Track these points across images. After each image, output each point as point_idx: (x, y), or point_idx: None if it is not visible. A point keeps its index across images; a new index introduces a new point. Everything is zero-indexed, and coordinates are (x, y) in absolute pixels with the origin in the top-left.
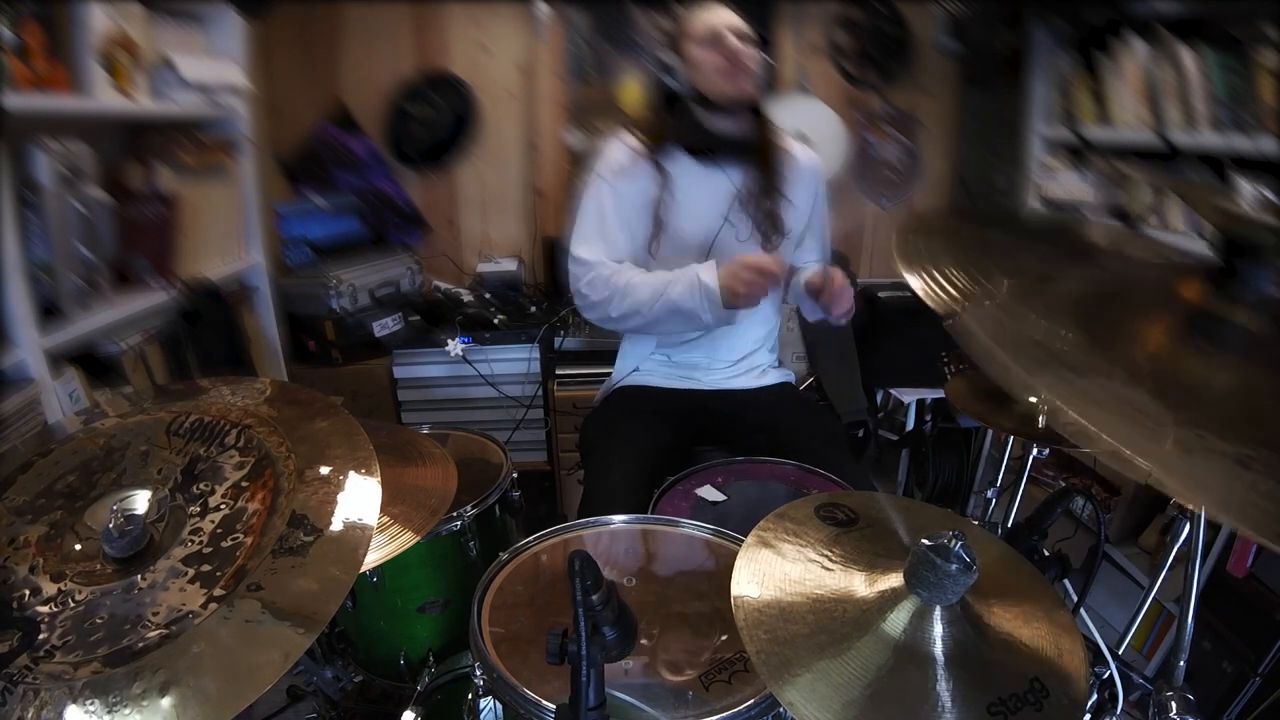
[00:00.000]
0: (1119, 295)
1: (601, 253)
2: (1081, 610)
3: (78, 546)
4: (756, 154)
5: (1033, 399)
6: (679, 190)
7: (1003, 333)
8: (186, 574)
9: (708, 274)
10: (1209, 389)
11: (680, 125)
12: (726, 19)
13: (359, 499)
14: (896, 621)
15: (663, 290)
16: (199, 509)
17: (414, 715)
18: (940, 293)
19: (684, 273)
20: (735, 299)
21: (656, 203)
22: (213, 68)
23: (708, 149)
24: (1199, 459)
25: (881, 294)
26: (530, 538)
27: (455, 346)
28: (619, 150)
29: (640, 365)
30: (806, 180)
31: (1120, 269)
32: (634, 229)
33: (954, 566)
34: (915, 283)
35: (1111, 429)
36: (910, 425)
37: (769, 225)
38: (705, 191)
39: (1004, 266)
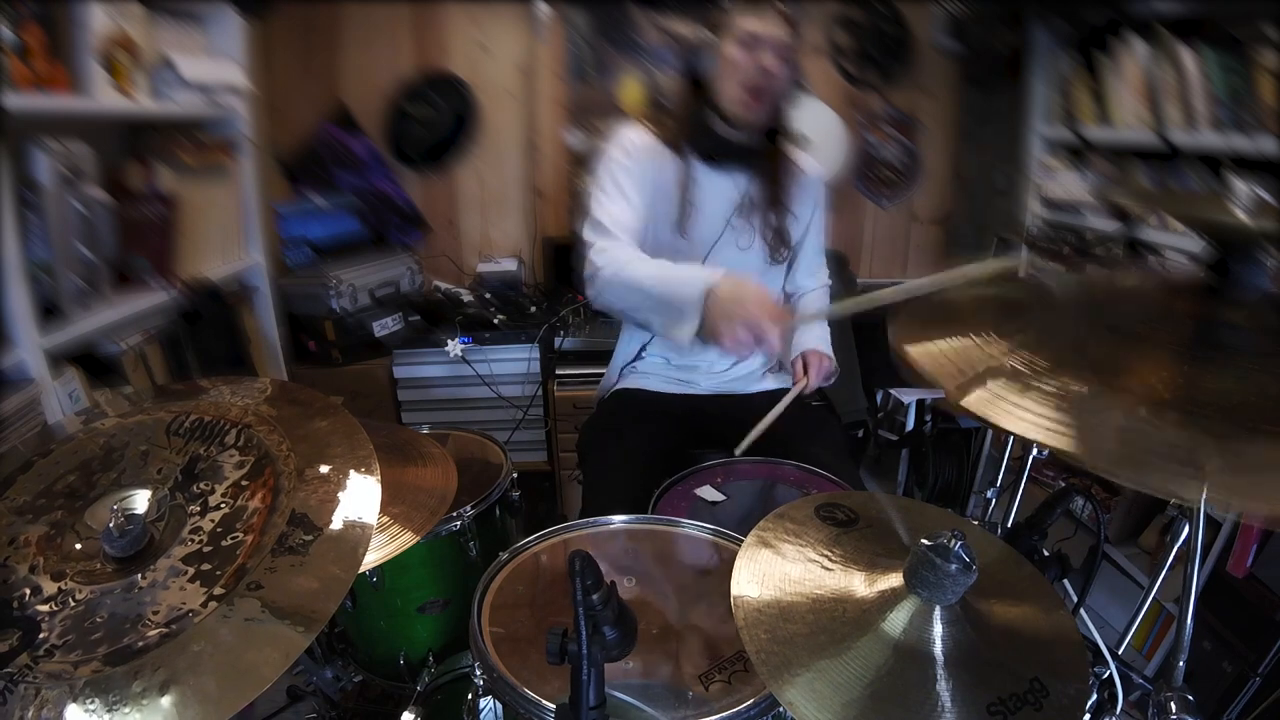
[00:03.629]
0: (1121, 331)
1: (621, 221)
2: (1081, 610)
3: (78, 546)
4: (766, 166)
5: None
6: (699, 175)
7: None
8: (186, 573)
9: (709, 279)
10: (1231, 397)
11: (692, 125)
12: (770, 30)
13: (359, 498)
14: (896, 621)
15: (663, 285)
16: (199, 508)
17: (414, 715)
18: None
19: (690, 279)
20: (714, 334)
21: (680, 184)
22: (213, 68)
23: (718, 154)
24: (1250, 476)
25: None
26: (530, 538)
27: (455, 346)
28: (635, 134)
29: (638, 366)
30: (809, 190)
31: (1114, 304)
32: (654, 210)
33: (954, 566)
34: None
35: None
36: (910, 425)
37: (776, 241)
38: (710, 193)
39: (1002, 338)
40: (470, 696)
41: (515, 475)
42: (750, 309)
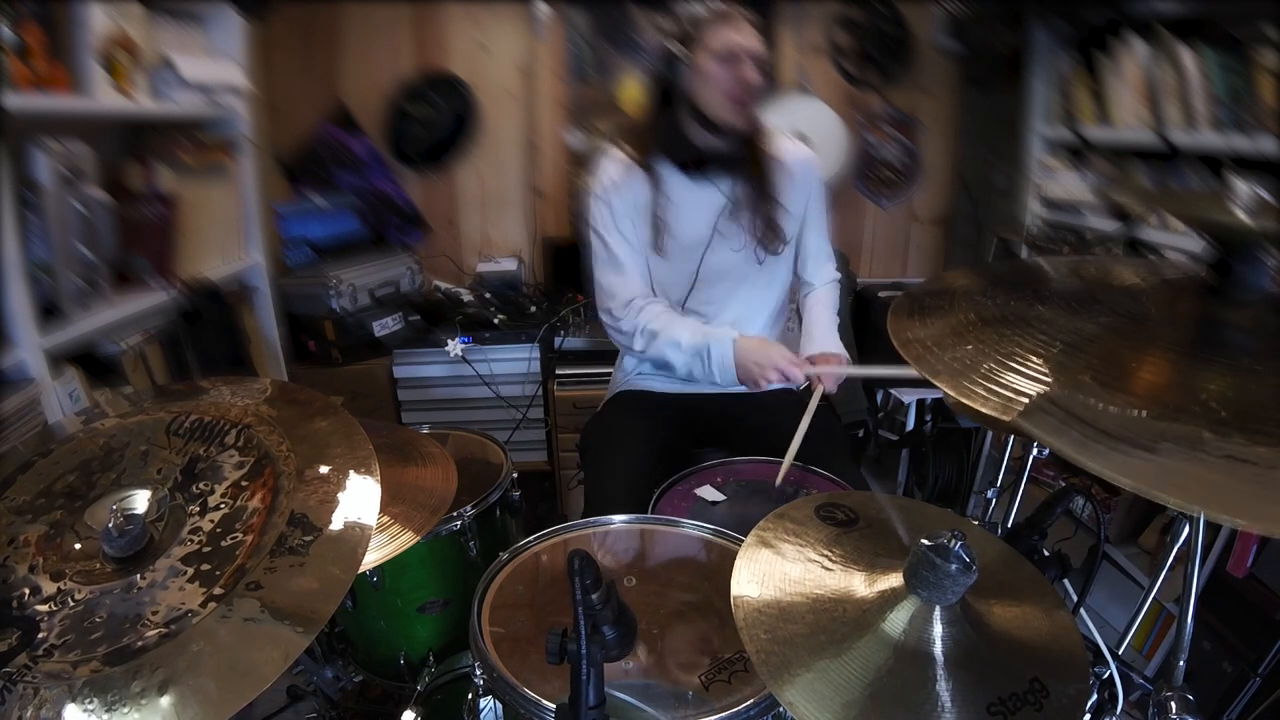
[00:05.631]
0: (1122, 333)
1: (623, 278)
2: (1081, 610)
3: (78, 546)
4: (748, 167)
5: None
6: (671, 193)
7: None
8: (186, 573)
9: (725, 348)
10: (1241, 402)
11: (668, 139)
12: (748, 42)
13: (359, 499)
14: (896, 621)
15: (688, 350)
16: (198, 508)
17: (414, 715)
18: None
19: (710, 343)
20: (748, 382)
21: (653, 204)
22: (213, 68)
23: (696, 164)
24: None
25: (881, 294)
26: (530, 538)
27: (455, 346)
28: (611, 165)
29: (641, 368)
30: (799, 180)
31: (1114, 301)
32: (636, 236)
33: (954, 566)
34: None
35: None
36: (910, 425)
37: (769, 234)
38: (692, 201)
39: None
40: (470, 696)
41: (515, 475)
42: (775, 359)
